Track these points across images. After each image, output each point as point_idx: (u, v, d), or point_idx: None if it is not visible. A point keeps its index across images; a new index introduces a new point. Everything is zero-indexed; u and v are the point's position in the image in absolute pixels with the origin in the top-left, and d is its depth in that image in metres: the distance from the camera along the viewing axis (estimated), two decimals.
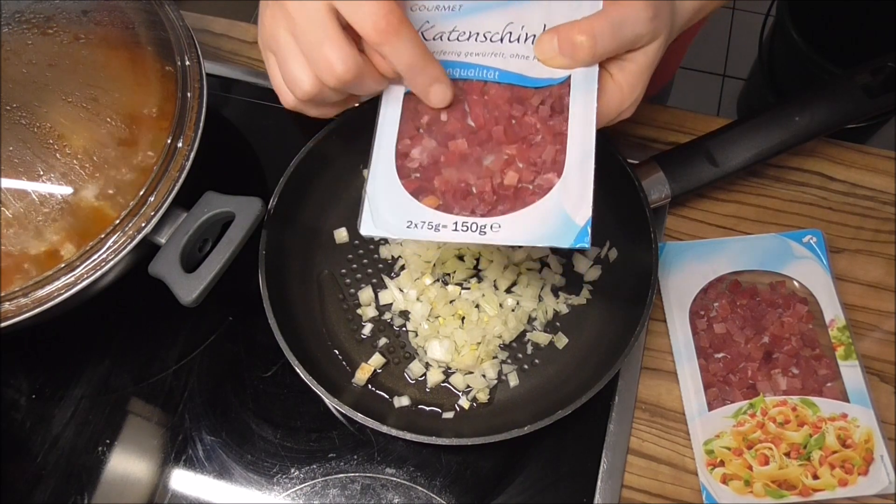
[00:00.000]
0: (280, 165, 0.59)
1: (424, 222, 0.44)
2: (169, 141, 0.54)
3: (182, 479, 0.58)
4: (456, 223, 0.43)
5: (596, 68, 0.44)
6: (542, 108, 0.45)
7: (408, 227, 0.44)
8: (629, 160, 0.58)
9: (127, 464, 0.58)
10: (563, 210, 0.43)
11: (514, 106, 0.45)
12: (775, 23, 1.42)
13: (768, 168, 0.67)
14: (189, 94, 0.56)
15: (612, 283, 0.61)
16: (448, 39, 0.46)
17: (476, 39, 0.46)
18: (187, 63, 0.57)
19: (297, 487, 0.57)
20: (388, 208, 0.44)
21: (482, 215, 0.44)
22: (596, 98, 0.44)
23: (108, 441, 0.59)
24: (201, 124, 0.55)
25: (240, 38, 0.76)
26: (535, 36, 0.45)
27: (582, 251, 0.40)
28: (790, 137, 0.60)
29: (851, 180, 0.67)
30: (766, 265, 0.63)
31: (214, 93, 0.67)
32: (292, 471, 0.58)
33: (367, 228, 0.44)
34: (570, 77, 0.45)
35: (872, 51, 0.73)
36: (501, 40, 0.46)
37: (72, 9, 0.56)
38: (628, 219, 0.59)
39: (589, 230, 0.42)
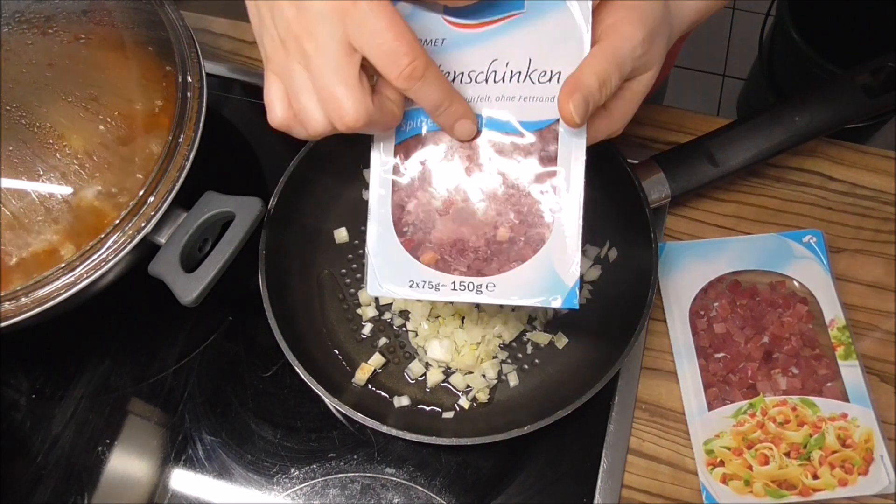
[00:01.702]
0: (280, 165, 0.59)
1: (425, 282, 0.46)
2: (169, 141, 0.54)
3: (182, 479, 0.58)
4: (454, 283, 0.46)
5: None
6: (531, 158, 0.44)
7: (410, 287, 0.46)
8: (629, 160, 0.58)
9: (127, 464, 0.58)
10: (554, 269, 0.44)
11: (503, 156, 0.45)
12: (775, 23, 1.42)
13: (768, 168, 0.67)
14: (189, 94, 0.56)
15: (612, 283, 0.61)
16: None
17: (461, 81, 0.44)
18: (187, 63, 0.57)
19: (297, 487, 0.57)
20: (390, 268, 0.46)
21: (478, 272, 0.45)
22: (584, 148, 0.44)
23: (108, 441, 0.59)
24: (201, 124, 0.55)
25: (240, 38, 0.76)
26: (520, 73, 0.44)
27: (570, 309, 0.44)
28: (790, 137, 0.60)
29: (851, 180, 0.67)
30: (766, 265, 0.63)
31: (214, 93, 0.67)
32: (292, 471, 0.58)
33: (373, 290, 0.47)
34: (557, 121, 0.44)
35: (872, 51, 0.73)
36: (486, 80, 0.44)
37: (72, 9, 0.56)
38: (628, 219, 0.59)
39: (577, 291, 0.44)
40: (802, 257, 0.63)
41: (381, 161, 0.46)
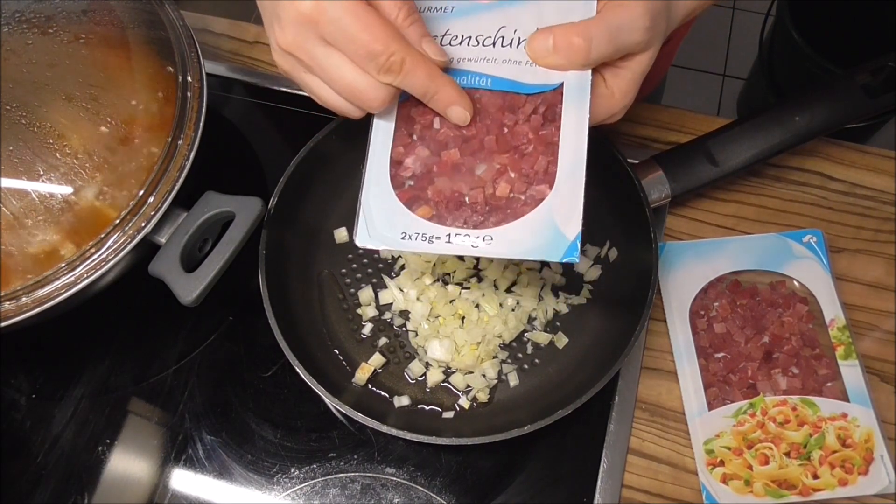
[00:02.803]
0: (280, 165, 0.59)
1: (419, 234, 0.44)
2: (169, 141, 0.54)
3: (182, 479, 0.58)
4: (449, 235, 0.44)
5: (589, 77, 0.44)
6: (535, 116, 0.45)
7: (402, 238, 0.44)
8: (629, 160, 0.58)
9: (127, 464, 0.58)
10: (554, 223, 0.43)
11: (507, 114, 0.45)
12: (775, 23, 1.42)
13: (768, 168, 0.67)
14: (189, 94, 0.56)
15: (612, 283, 0.61)
16: (441, 44, 0.46)
17: (469, 44, 0.45)
18: (187, 63, 0.57)
19: (297, 487, 0.57)
20: (382, 219, 0.45)
21: (475, 226, 0.44)
22: (588, 109, 0.44)
23: (108, 441, 0.59)
24: (201, 124, 0.55)
25: (240, 38, 0.76)
26: (527, 40, 0.45)
27: (571, 265, 0.41)
28: (790, 137, 0.60)
29: (851, 180, 0.67)
30: (766, 265, 0.63)
31: (214, 93, 0.67)
32: (292, 470, 0.58)
33: (362, 240, 0.45)
34: (562, 84, 0.44)
35: (872, 51, 0.73)
36: (494, 44, 0.45)
37: (72, 9, 0.56)
38: (628, 219, 0.59)
39: (578, 245, 0.42)
40: (802, 257, 0.63)
41: (383, 116, 0.47)
